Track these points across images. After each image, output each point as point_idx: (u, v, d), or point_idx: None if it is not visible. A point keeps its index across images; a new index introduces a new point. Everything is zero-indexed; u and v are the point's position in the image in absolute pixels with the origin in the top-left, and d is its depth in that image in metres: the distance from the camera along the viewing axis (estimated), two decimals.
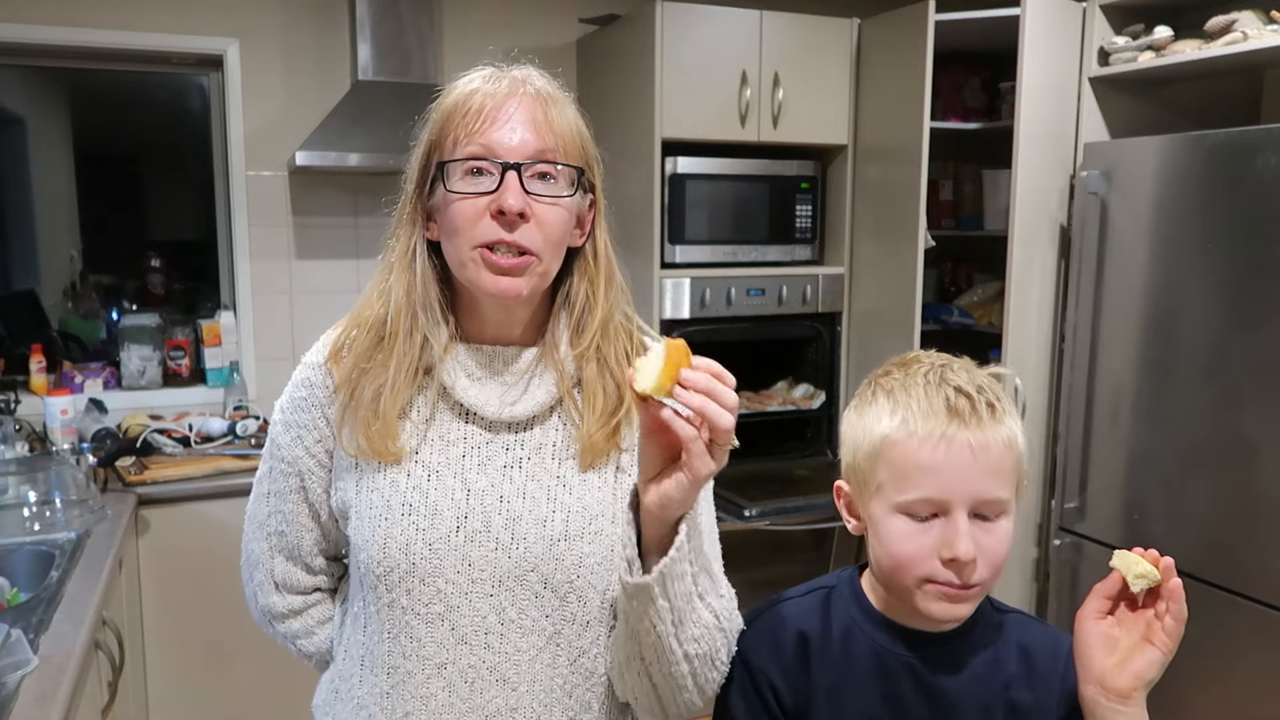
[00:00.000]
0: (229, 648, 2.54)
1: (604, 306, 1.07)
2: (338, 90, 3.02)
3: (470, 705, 1.03)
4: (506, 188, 0.98)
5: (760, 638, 1.05)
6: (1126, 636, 0.95)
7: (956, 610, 0.96)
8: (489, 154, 0.99)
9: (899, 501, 0.95)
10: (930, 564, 0.94)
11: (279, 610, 1.17)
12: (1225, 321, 2.30)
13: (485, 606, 1.03)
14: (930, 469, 0.93)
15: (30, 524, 2.20)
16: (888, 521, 0.96)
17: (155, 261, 3.33)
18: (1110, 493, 2.60)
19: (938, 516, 0.94)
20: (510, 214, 0.97)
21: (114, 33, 2.89)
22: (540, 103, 1.01)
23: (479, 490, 1.04)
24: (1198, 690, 2.40)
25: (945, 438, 0.93)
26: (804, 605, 1.06)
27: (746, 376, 3.34)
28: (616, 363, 1.07)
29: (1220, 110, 2.81)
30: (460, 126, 1.00)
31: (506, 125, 0.99)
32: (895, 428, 0.96)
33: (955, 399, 0.95)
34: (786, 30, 3.00)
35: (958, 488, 0.93)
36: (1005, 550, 0.96)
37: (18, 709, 1.39)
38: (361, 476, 1.05)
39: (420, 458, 1.04)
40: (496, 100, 1.00)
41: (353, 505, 1.06)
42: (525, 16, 3.30)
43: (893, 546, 0.96)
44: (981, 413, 0.94)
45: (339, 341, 1.09)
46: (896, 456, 0.95)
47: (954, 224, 3.39)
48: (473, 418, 1.06)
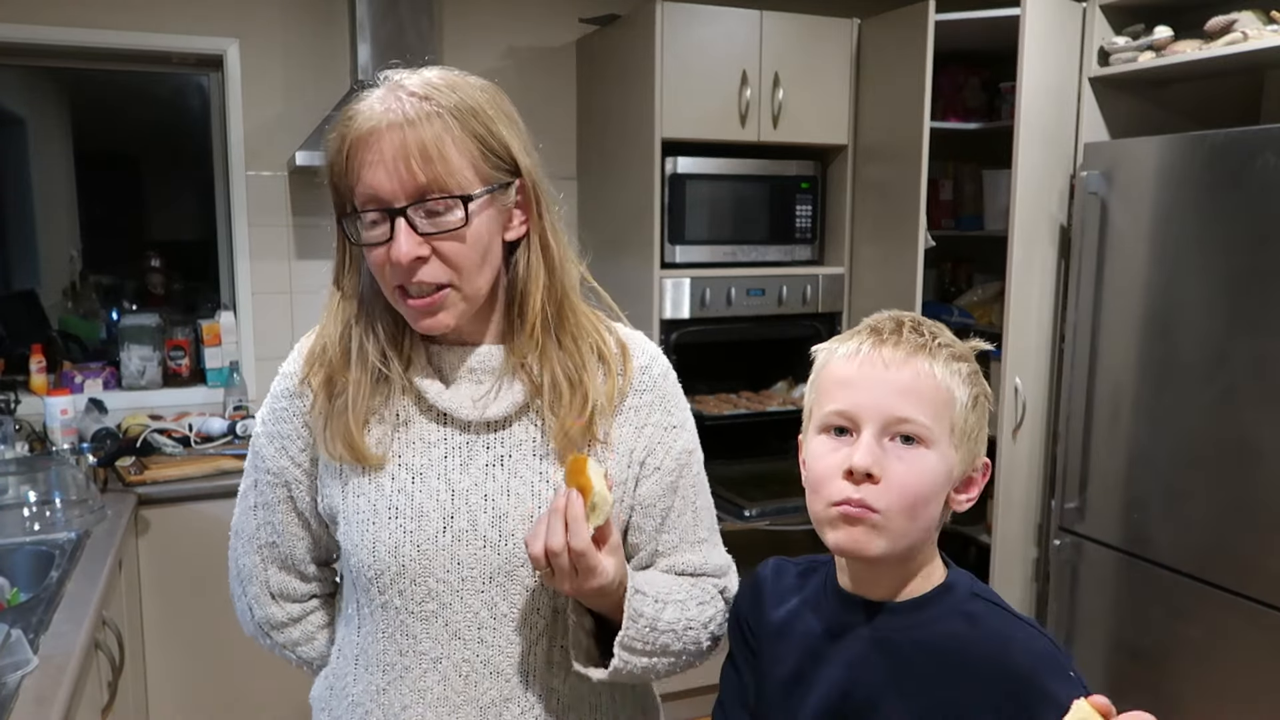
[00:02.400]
0: (229, 648, 2.53)
1: (539, 294, 1.05)
2: (338, 90, 3.02)
3: (465, 698, 1.05)
4: (397, 238, 0.96)
5: (743, 584, 1.12)
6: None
7: (855, 536, 0.90)
8: (374, 201, 0.97)
9: (816, 420, 0.95)
10: (835, 482, 0.91)
11: (279, 620, 1.18)
12: (1225, 321, 2.30)
13: (477, 602, 1.04)
14: (843, 381, 0.93)
15: (30, 524, 2.20)
16: (809, 445, 0.96)
17: (155, 261, 3.33)
18: (1110, 493, 2.60)
19: (852, 435, 0.92)
20: (405, 263, 0.97)
21: (114, 33, 2.89)
22: (413, 130, 0.95)
23: (463, 490, 1.05)
24: (1198, 690, 2.40)
25: (860, 352, 0.93)
26: (789, 564, 1.09)
27: (746, 376, 3.35)
28: (577, 350, 1.07)
29: (1220, 110, 2.81)
30: (346, 171, 0.99)
31: (382, 166, 0.96)
32: (827, 350, 0.98)
33: (882, 323, 0.95)
34: (786, 30, 3.00)
35: (866, 399, 0.91)
36: (919, 483, 0.90)
37: (18, 709, 1.39)
38: (346, 482, 1.06)
39: (403, 461, 1.05)
40: (372, 138, 0.96)
41: (340, 510, 1.07)
42: (525, 16, 3.30)
43: (809, 468, 0.95)
44: (905, 336, 0.93)
45: (313, 351, 1.09)
46: (822, 378, 0.97)
47: (954, 224, 3.40)
48: (450, 420, 1.06)
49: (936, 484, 0.92)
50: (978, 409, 0.95)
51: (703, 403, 3.13)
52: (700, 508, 1.15)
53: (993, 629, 0.93)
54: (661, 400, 1.13)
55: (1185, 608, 2.41)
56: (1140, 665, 2.54)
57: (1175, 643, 2.44)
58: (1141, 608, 2.53)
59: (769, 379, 3.36)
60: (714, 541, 1.16)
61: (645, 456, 1.10)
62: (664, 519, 1.11)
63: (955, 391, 0.92)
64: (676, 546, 1.12)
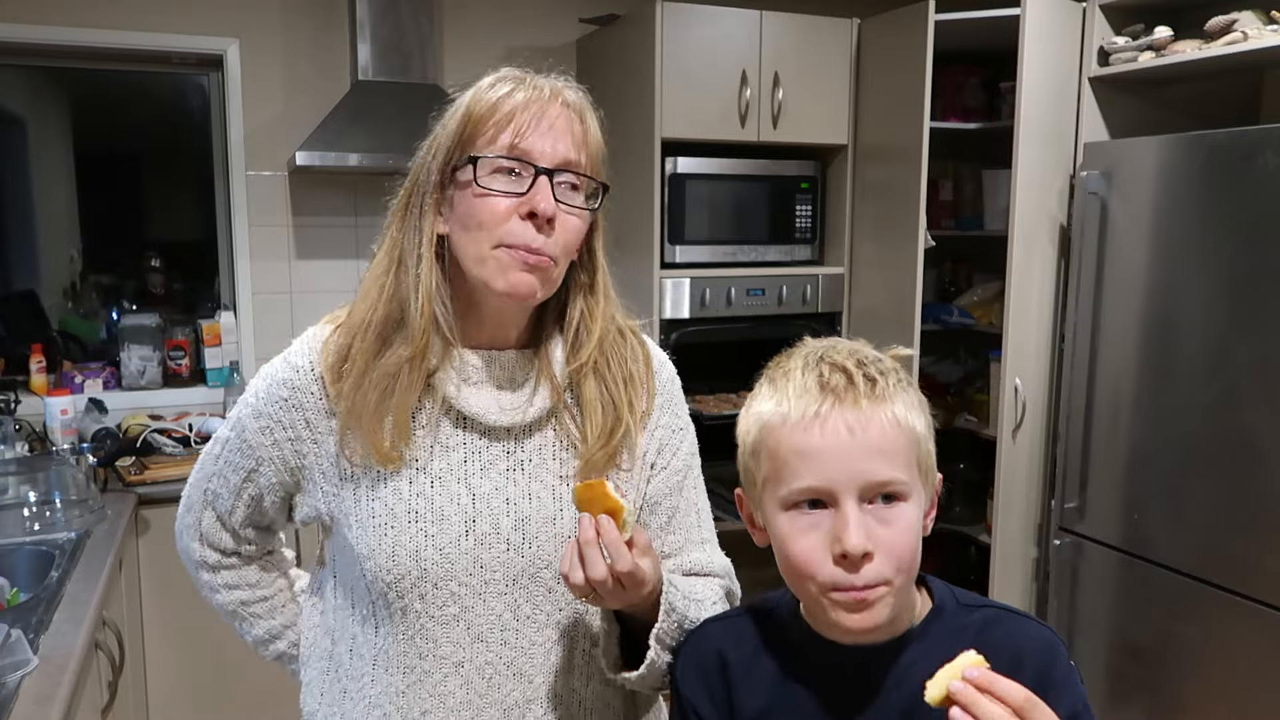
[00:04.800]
0: (229, 648, 2.51)
1: (602, 324, 1.08)
2: (338, 90, 3.02)
3: (488, 700, 1.05)
4: (538, 191, 0.98)
5: (687, 662, 1.00)
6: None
7: (865, 619, 0.84)
8: (526, 156, 0.99)
9: (782, 495, 0.87)
10: (825, 567, 0.84)
11: (196, 558, 1.18)
12: (1225, 321, 2.30)
13: (500, 605, 1.04)
14: (807, 453, 0.85)
15: (30, 524, 2.20)
16: (776, 521, 0.88)
17: (155, 261, 3.33)
18: (1110, 493, 2.60)
19: (826, 507, 0.85)
20: (542, 218, 0.98)
21: (114, 33, 2.89)
22: (577, 115, 1.02)
23: (484, 494, 1.04)
24: (1198, 690, 2.40)
25: (819, 417, 0.85)
26: (731, 625, 1.00)
27: (746, 377, 3.32)
28: (613, 381, 1.08)
29: (1220, 110, 2.81)
30: (500, 124, 0.99)
31: (548, 132, 1.00)
32: (770, 412, 0.88)
33: (829, 375, 0.87)
34: (786, 30, 3.00)
35: (839, 471, 0.84)
36: (910, 542, 0.85)
37: (18, 709, 1.39)
38: (359, 487, 1.04)
39: (420, 465, 1.04)
40: (537, 106, 1.00)
41: (353, 515, 1.05)
42: (525, 16, 3.30)
43: (785, 549, 0.87)
44: (859, 387, 0.85)
45: (339, 352, 1.04)
46: (774, 444, 0.87)
47: (954, 224, 3.39)
48: (470, 424, 1.05)
49: (919, 531, 0.88)
50: (929, 428, 0.91)
51: (703, 403, 3.13)
52: (702, 509, 1.17)
53: (998, 638, 0.89)
54: (670, 403, 1.15)
55: (1185, 608, 2.41)
56: (1140, 665, 2.53)
57: (1175, 643, 2.44)
58: (1141, 608, 2.53)
59: None
60: (715, 543, 1.18)
61: (655, 457, 1.12)
62: (670, 518, 1.12)
63: (917, 426, 0.88)
64: (682, 547, 1.13)
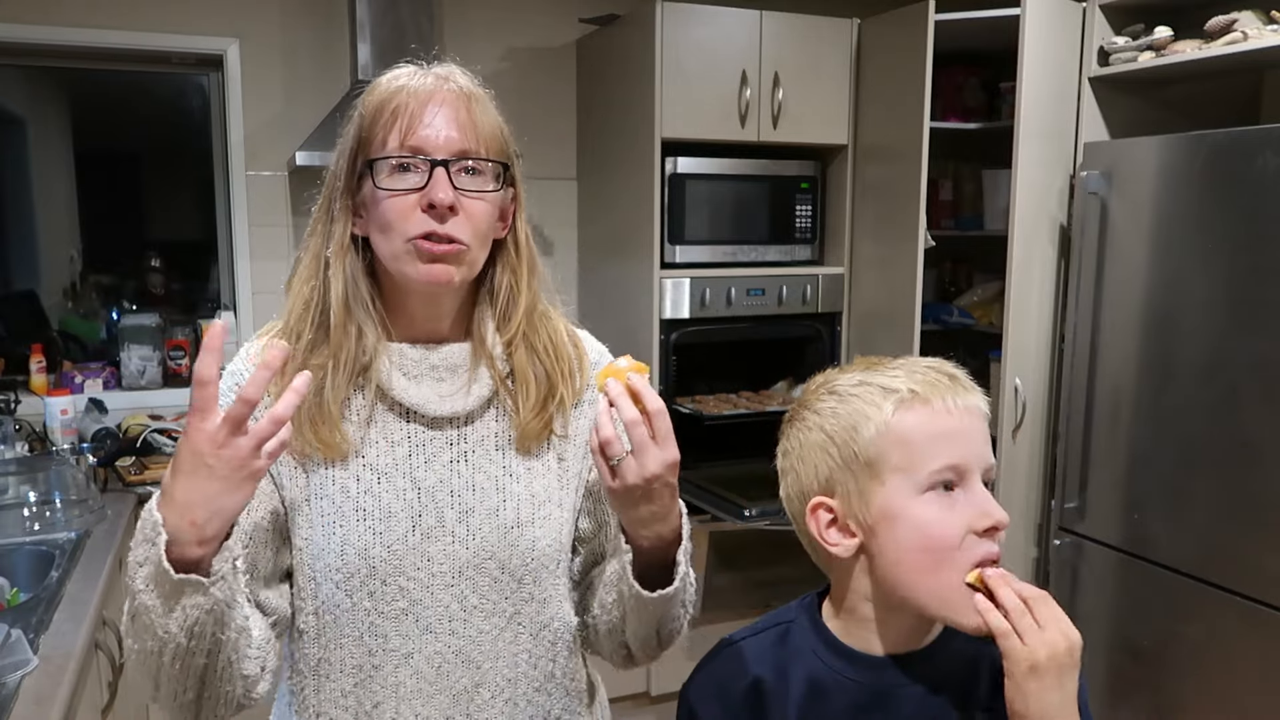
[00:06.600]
0: None
1: (528, 295, 1.10)
2: (338, 90, 3.02)
3: (437, 688, 1.06)
4: (435, 183, 1.00)
5: (707, 686, 0.99)
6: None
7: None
8: (419, 150, 1.01)
9: (922, 478, 0.89)
10: (978, 547, 0.89)
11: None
12: (1225, 321, 2.30)
13: (447, 596, 1.06)
14: (946, 434, 0.90)
15: (30, 524, 2.20)
16: (912, 507, 0.89)
17: (155, 261, 3.33)
18: (1110, 493, 2.60)
19: (955, 489, 0.90)
20: (440, 207, 0.99)
21: (114, 33, 2.89)
22: (464, 100, 1.03)
23: (429, 487, 1.06)
24: (1198, 690, 2.40)
25: (958, 403, 0.91)
26: (757, 646, 0.99)
27: (746, 376, 3.34)
28: (544, 351, 1.10)
29: (1220, 110, 2.81)
30: (387, 125, 1.02)
31: (432, 124, 1.01)
32: (902, 403, 0.90)
33: (934, 366, 0.94)
34: (786, 30, 3.00)
35: (971, 450, 0.90)
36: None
37: (18, 709, 1.39)
38: (309, 482, 1.04)
39: (367, 460, 1.05)
40: (421, 98, 1.02)
41: (301, 513, 1.05)
42: (525, 16, 3.30)
43: (928, 531, 0.89)
44: (962, 380, 0.93)
45: (285, 328, 1.08)
46: (912, 431, 0.90)
47: (954, 224, 3.39)
48: (413, 416, 1.07)
49: None
50: None
51: (703, 403, 3.13)
52: None
53: None
54: None
55: (1185, 608, 2.41)
56: (1140, 665, 2.54)
57: (1175, 643, 2.44)
58: (1141, 608, 2.53)
59: (769, 379, 3.36)
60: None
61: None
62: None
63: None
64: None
